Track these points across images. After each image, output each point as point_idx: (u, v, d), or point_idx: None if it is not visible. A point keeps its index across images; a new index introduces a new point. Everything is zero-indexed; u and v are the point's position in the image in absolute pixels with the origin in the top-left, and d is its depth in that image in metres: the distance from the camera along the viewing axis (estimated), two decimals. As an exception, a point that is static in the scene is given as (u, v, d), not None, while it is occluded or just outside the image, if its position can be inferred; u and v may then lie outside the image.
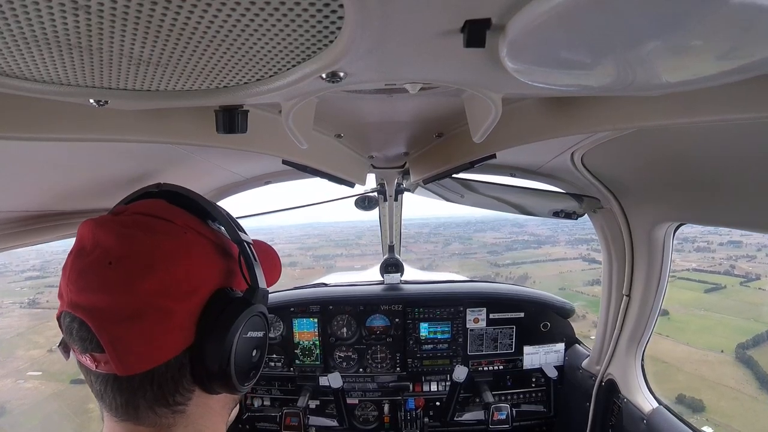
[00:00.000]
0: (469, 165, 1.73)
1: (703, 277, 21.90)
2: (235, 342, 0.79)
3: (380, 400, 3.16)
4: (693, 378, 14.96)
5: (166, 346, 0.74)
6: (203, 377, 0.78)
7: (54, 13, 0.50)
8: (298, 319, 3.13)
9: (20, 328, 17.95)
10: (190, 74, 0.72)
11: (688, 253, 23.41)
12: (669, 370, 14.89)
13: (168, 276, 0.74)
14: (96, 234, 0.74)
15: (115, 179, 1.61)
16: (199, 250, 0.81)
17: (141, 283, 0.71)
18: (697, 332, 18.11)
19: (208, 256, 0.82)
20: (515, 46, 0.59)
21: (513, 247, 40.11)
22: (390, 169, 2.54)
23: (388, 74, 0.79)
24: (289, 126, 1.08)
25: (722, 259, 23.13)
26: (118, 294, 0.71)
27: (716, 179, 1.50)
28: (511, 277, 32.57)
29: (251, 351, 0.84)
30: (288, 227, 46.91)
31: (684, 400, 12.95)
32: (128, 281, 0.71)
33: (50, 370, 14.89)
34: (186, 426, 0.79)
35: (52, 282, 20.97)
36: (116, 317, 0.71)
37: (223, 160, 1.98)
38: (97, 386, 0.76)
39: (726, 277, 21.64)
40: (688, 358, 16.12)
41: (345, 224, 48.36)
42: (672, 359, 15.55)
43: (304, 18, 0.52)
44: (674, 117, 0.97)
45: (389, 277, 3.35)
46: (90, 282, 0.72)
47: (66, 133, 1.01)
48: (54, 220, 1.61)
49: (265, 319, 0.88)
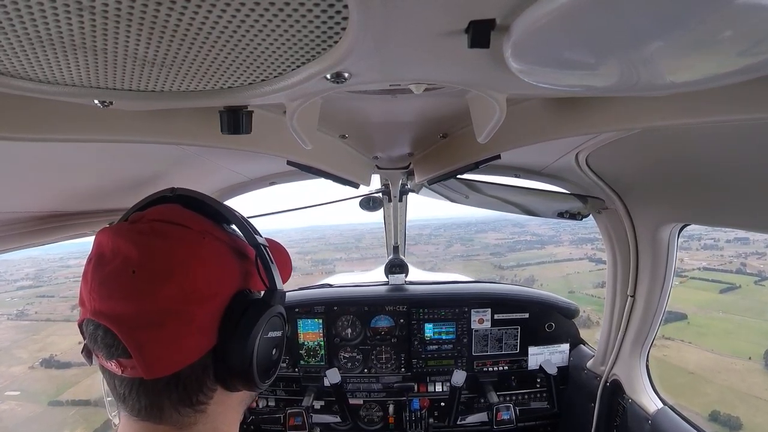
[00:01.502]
0: (474, 166, 1.73)
1: (715, 276, 21.24)
2: (257, 342, 0.81)
3: (385, 400, 3.15)
4: (723, 390, 13.94)
5: (189, 350, 0.76)
6: (226, 377, 0.81)
7: (59, 14, 0.50)
8: (302, 319, 3.14)
9: (5, 341, 17.68)
10: (194, 75, 0.72)
11: (696, 251, 23.06)
12: (697, 382, 13.99)
13: (187, 281, 0.75)
14: (116, 242, 0.76)
15: (119, 180, 1.62)
16: (217, 254, 0.82)
17: (162, 289, 0.73)
18: (720, 337, 17.27)
19: (225, 259, 0.84)
20: (519, 46, 0.59)
21: (516, 247, 39.74)
22: (394, 169, 2.54)
23: (392, 75, 0.79)
24: (294, 126, 1.08)
25: (732, 257, 22.56)
26: (141, 301, 0.73)
27: (721, 180, 1.49)
28: (516, 279, 31.95)
29: (271, 350, 0.88)
30: (287, 231, 46.46)
31: (719, 418, 12.02)
32: (150, 288, 0.73)
33: (30, 389, 14.67)
34: (205, 423, 0.81)
35: (45, 291, 20.73)
36: (141, 324, 0.72)
37: (228, 160, 1.98)
38: (121, 390, 0.77)
39: (738, 276, 20.97)
40: (715, 366, 15.18)
41: (345, 227, 47.82)
42: (698, 369, 14.69)
43: (308, 18, 0.53)
44: (679, 117, 0.96)
45: (394, 277, 3.35)
46: (113, 290, 0.74)
47: (70, 134, 1.01)
48: (59, 221, 1.62)
49: (283, 319, 0.91)
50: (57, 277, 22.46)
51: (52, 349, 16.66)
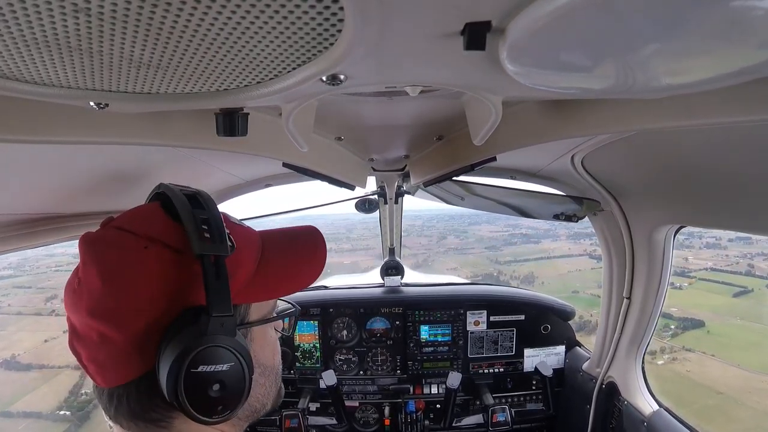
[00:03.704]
0: (470, 168, 1.73)
1: (724, 278, 19.79)
2: (181, 377, 0.70)
3: (380, 402, 3.15)
4: (759, 415, 11.60)
5: (120, 369, 0.75)
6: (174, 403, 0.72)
7: (54, 16, 0.50)
8: (298, 321, 3.12)
9: (-45, 345, 16.20)
10: (190, 77, 0.72)
11: (699, 250, 21.50)
12: (728, 405, 11.98)
13: (111, 299, 0.72)
14: (81, 251, 0.77)
15: (114, 182, 1.61)
16: (158, 268, 0.74)
17: (89, 304, 0.73)
18: (744, 349, 15.31)
19: (167, 272, 0.75)
20: (515, 48, 0.59)
21: (511, 241, 38.53)
22: (390, 171, 2.54)
23: (388, 77, 0.79)
24: (290, 129, 1.08)
25: (737, 257, 21.28)
26: (76, 314, 0.75)
27: (716, 182, 1.49)
28: (515, 275, 31.13)
29: (208, 386, 0.73)
30: (279, 221, 45.64)
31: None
32: (82, 302, 0.73)
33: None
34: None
35: (22, 282, 20.04)
36: (77, 336, 0.76)
37: (223, 163, 1.98)
38: (95, 393, 0.80)
39: (749, 278, 19.62)
40: (746, 385, 12.89)
41: (336, 217, 46.61)
42: (727, 388, 12.67)
43: (304, 20, 0.52)
44: (675, 120, 0.97)
45: (390, 279, 3.35)
46: (66, 299, 0.77)
47: (66, 136, 1.01)
48: (54, 223, 1.61)
49: (234, 351, 0.76)
50: (39, 266, 21.77)
51: (16, 348, 15.51)
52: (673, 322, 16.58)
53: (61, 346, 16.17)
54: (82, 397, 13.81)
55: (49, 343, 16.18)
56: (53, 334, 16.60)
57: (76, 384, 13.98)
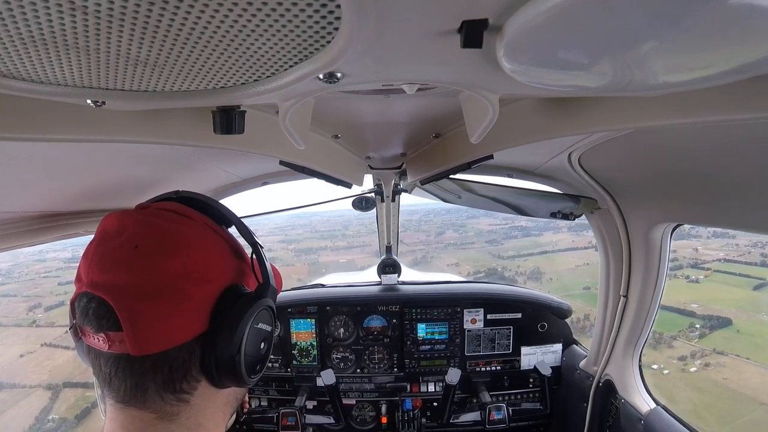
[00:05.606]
0: (467, 166, 1.73)
1: (739, 269, 18.94)
2: (246, 331, 0.83)
3: (377, 400, 3.16)
4: None
5: (180, 328, 0.78)
6: (212, 366, 0.81)
7: (51, 14, 0.50)
8: (295, 319, 3.13)
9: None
10: (187, 75, 0.72)
11: (708, 240, 21.34)
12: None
13: (190, 260, 0.79)
14: (122, 222, 0.80)
15: (111, 180, 1.61)
16: (216, 246, 0.87)
17: (163, 263, 0.76)
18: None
19: (223, 252, 0.88)
20: (512, 46, 0.59)
21: (512, 234, 38.09)
22: (387, 170, 2.55)
23: (385, 75, 0.79)
24: (287, 127, 1.08)
25: (747, 246, 20.44)
26: (140, 273, 0.75)
27: (713, 180, 1.50)
28: (521, 271, 30.56)
29: (260, 343, 0.89)
30: (273, 218, 44.53)
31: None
32: (152, 262, 0.76)
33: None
34: (188, 417, 0.81)
35: (8, 290, 19.49)
36: (137, 294, 0.74)
37: (221, 160, 1.98)
38: (107, 369, 0.78)
39: (765, 269, 18.89)
40: None
41: (332, 213, 45.12)
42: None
43: (301, 18, 0.52)
44: (671, 118, 0.97)
45: (387, 277, 3.36)
46: (114, 262, 0.76)
47: (63, 133, 1.01)
48: (51, 221, 1.61)
49: (273, 315, 0.93)
50: (28, 272, 21.19)
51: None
52: (698, 320, 15.73)
53: (35, 363, 15.50)
54: (48, 424, 13.36)
55: (25, 359, 15.61)
56: (30, 347, 16.04)
57: (44, 408, 13.60)
